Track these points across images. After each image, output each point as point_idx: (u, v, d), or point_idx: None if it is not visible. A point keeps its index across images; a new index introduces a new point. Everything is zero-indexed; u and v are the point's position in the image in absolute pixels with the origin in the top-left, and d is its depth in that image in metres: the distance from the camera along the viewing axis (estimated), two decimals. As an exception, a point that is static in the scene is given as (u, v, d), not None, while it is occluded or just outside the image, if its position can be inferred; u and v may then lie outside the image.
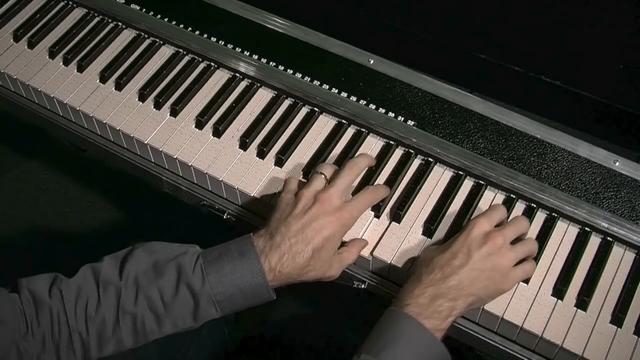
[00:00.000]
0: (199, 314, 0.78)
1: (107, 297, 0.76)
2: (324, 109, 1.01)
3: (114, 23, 1.16)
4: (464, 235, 0.80)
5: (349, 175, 0.87)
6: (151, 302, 0.77)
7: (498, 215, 0.84)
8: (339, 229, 0.83)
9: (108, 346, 0.77)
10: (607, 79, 0.95)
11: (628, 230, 0.86)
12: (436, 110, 0.98)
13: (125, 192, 1.68)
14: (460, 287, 0.77)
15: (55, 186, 1.82)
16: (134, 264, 0.78)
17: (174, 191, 1.04)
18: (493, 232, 0.80)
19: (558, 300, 0.83)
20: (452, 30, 1.03)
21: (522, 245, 0.82)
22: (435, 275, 0.78)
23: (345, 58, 1.04)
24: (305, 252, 0.80)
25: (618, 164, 0.91)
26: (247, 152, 0.98)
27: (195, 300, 0.77)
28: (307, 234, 0.80)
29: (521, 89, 1.00)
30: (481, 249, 0.79)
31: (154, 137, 1.01)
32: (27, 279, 0.78)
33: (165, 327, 0.78)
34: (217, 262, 0.78)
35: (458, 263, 0.78)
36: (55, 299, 0.76)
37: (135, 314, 0.76)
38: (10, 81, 1.12)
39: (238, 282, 0.78)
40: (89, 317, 0.76)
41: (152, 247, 0.81)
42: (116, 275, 0.78)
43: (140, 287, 0.77)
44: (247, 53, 1.07)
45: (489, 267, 0.78)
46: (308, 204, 0.83)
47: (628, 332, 0.80)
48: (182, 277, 0.77)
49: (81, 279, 0.78)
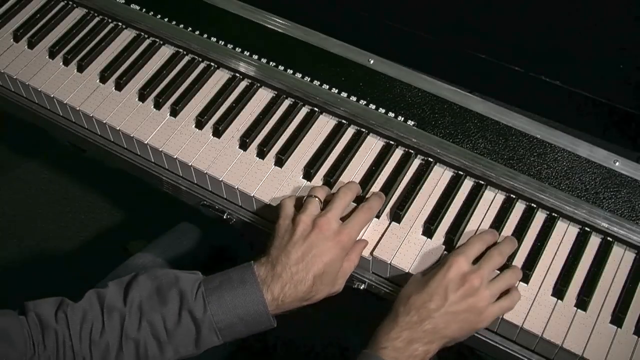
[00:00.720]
0: (201, 341, 0.79)
1: (111, 323, 0.77)
2: (324, 109, 1.01)
3: (114, 23, 1.16)
4: (441, 275, 0.79)
5: (343, 199, 0.87)
6: (154, 329, 0.78)
7: (476, 250, 0.83)
8: (338, 253, 0.83)
9: None
10: (607, 79, 0.95)
11: (628, 230, 0.86)
12: (436, 110, 0.98)
13: (125, 192, 1.68)
14: (435, 331, 0.77)
15: (55, 186, 1.82)
16: (137, 290, 0.79)
17: (174, 191, 1.04)
18: (470, 273, 0.79)
19: (558, 300, 0.83)
20: (452, 30, 1.03)
21: (501, 281, 0.81)
22: (412, 317, 0.78)
23: (345, 58, 1.04)
24: (307, 279, 0.80)
25: (618, 164, 0.91)
26: (247, 152, 0.98)
27: (197, 327, 0.78)
28: (307, 261, 0.81)
29: (521, 89, 1.00)
30: (457, 291, 0.78)
31: (154, 137, 1.01)
32: (33, 303, 0.79)
33: (168, 353, 0.79)
34: (219, 290, 0.79)
35: (434, 306, 0.78)
36: (61, 323, 0.77)
37: (138, 340, 0.77)
38: (10, 81, 1.12)
39: (239, 311, 0.79)
40: (93, 342, 0.77)
41: (155, 273, 0.82)
42: (120, 301, 0.79)
43: (143, 314, 0.78)
44: (247, 53, 1.07)
45: (464, 308, 0.78)
46: (306, 230, 0.82)
47: (628, 332, 0.80)
48: (184, 305, 0.78)
49: (86, 303, 0.79)
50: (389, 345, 0.76)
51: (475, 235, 0.86)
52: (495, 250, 0.83)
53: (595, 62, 0.96)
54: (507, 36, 1.00)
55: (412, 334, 0.77)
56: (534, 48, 0.98)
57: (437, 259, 0.87)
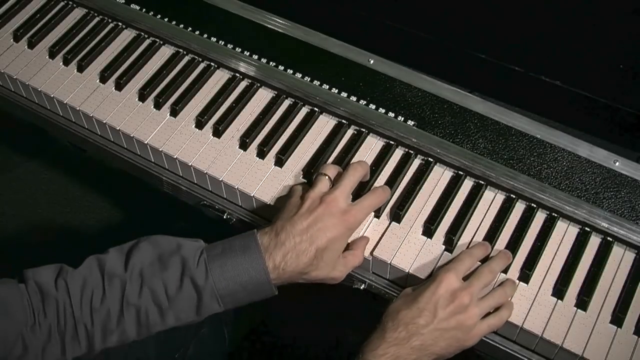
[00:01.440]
0: (202, 308, 0.79)
1: (112, 290, 0.77)
2: (324, 109, 1.01)
3: (114, 23, 1.16)
4: (431, 291, 0.79)
5: (353, 177, 0.87)
6: (155, 296, 0.77)
7: (467, 265, 0.83)
8: (343, 232, 0.83)
9: (112, 337, 0.77)
10: (607, 79, 0.95)
11: (628, 230, 0.86)
12: (436, 110, 0.98)
13: (125, 192, 1.68)
14: (422, 348, 0.77)
15: (55, 186, 1.82)
16: (139, 257, 0.79)
17: (174, 191, 1.04)
18: (460, 290, 0.79)
19: (558, 300, 0.83)
20: (452, 30, 1.03)
21: (490, 299, 0.81)
22: (400, 333, 0.77)
23: (345, 58, 1.04)
24: (309, 251, 0.80)
25: (618, 164, 0.91)
26: (247, 152, 0.98)
27: (198, 294, 0.78)
28: (311, 233, 0.81)
29: (521, 89, 1.00)
30: (447, 307, 0.78)
31: (154, 137, 1.01)
32: (32, 270, 0.78)
33: (169, 320, 0.78)
34: (221, 258, 0.79)
35: (423, 322, 0.77)
36: (61, 290, 0.77)
37: (139, 307, 0.77)
38: (10, 81, 1.12)
39: (241, 278, 0.78)
40: (94, 309, 0.76)
41: (157, 240, 0.81)
42: (121, 268, 0.78)
43: (144, 280, 0.78)
44: (247, 53, 1.07)
45: (453, 325, 0.78)
46: (314, 205, 0.83)
47: (628, 332, 0.80)
48: (186, 271, 0.78)
49: (86, 270, 0.78)
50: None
51: (465, 250, 0.85)
52: (485, 268, 0.83)
53: (595, 62, 0.96)
54: (507, 36, 1.00)
55: (399, 350, 0.77)
56: (534, 48, 0.98)
57: (437, 259, 0.87)
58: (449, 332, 0.78)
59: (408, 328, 0.77)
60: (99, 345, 0.77)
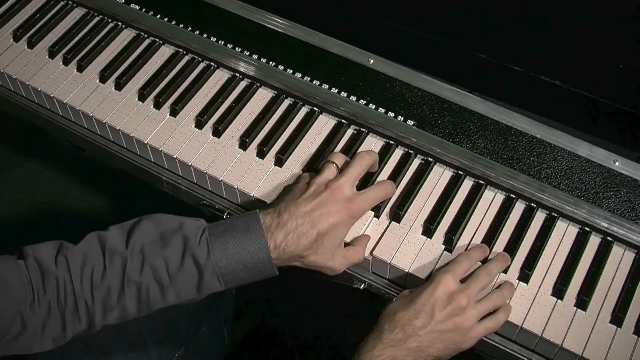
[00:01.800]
0: (203, 287, 0.78)
1: (113, 267, 0.77)
2: (324, 109, 1.01)
3: (114, 23, 1.16)
4: (428, 293, 0.79)
5: (360, 166, 0.87)
6: (156, 273, 0.77)
7: (465, 268, 0.83)
8: (346, 219, 0.83)
9: (112, 314, 0.77)
10: (607, 79, 0.95)
11: (628, 230, 0.86)
12: (436, 110, 0.98)
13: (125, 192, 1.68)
14: (420, 349, 0.77)
15: (55, 186, 1.82)
16: (140, 235, 0.79)
17: (174, 191, 1.04)
18: (457, 292, 0.79)
19: (558, 300, 0.83)
20: (452, 30, 1.03)
21: (488, 302, 0.81)
22: (397, 334, 0.77)
23: (345, 58, 1.04)
24: (311, 234, 0.80)
25: (618, 164, 0.91)
26: (247, 152, 0.98)
27: (200, 272, 0.78)
28: (314, 217, 0.81)
29: (521, 89, 1.00)
30: (444, 310, 0.78)
31: (154, 137, 1.01)
32: (32, 247, 0.78)
33: (169, 298, 0.78)
34: (223, 236, 0.79)
35: (420, 324, 0.77)
36: (62, 267, 0.76)
37: (140, 284, 0.77)
38: (10, 81, 1.12)
39: (243, 257, 0.78)
40: (95, 286, 0.76)
41: (159, 219, 0.81)
42: (123, 245, 0.78)
43: (146, 258, 0.77)
44: (247, 53, 1.07)
45: (450, 328, 0.78)
46: (319, 190, 0.83)
47: (628, 332, 0.80)
48: (188, 249, 0.77)
49: (87, 247, 0.78)
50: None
51: (463, 253, 0.85)
52: (483, 271, 0.83)
53: (595, 62, 0.96)
54: (507, 36, 1.00)
55: (396, 352, 0.76)
56: (534, 48, 0.98)
57: (437, 259, 0.87)
58: (446, 335, 0.78)
59: (405, 330, 0.77)
60: (99, 321, 0.77)
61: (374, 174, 0.94)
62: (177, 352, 1.05)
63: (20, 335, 0.74)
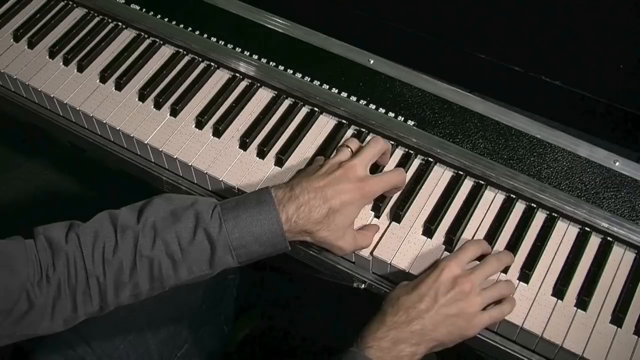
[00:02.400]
0: (215, 261, 0.78)
1: (124, 241, 0.76)
2: (324, 109, 1.01)
3: (114, 23, 1.16)
4: (432, 278, 0.79)
5: (374, 148, 0.88)
6: (168, 247, 0.77)
7: (469, 255, 0.83)
8: (357, 198, 0.83)
9: (124, 291, 0.77)
10: (607, 79, 0.95)
11: (628, 230, 0.86)
12: (436, 110, 0.98)
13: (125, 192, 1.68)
14: (423, 332, 0.77)
15: (55, 186, 1.81)
16: (152, 211, 0.79)
17: (174, 191, 1.04)
18: (462, 277, 0.79)
19: (558, 300, 0.83)
20: (452, 30, 1.03)
21: (493, 290, 0.81)
22: (400, 317, 0.77)
23: (345, 58, 1.04)
24: (322, 208, 0.80)
25: (618, 164, 0.91)
26: (247, 152, 0.98)
27: (212, 245, 0.77)
28: (326, 193, 0.81)
29: (521, 89, 1.00)
30: (448, 293, 0.78)
31: (154, 137, 1.01)
32: (43, 227, 0.78)
33: (182, 272, 0.78)
34: (235, 210, 0.79)
35: (424, 307, 0.77)
36: (72, 243, 0.76)
37: (152, 259, 0.76)
38: (10, 81, 1.12)
39: (255, 229, 0.78)
40: (107, 261, 0.76)
41: (170, 196, 0.81)
42: (134, 221, 0.78)
43: (157, 232, 0.77)
44: (247, 53, 1.07)
45: (453, 312, 0.78)
46: (332, 168, 0.84)
47: (628, 332, 0.80)
48: (199, 223, 0.77)
49: (98, 224, 0.78)
50: (375, 345, 0.76)
51: (470, 240, 0.86)
52: (492, 257, 0.83)
53: (595, 62, 0.96)
54: (507, 36, 1.00)
55: (399, 334, 0.76)
56: (534, 48, 0.98)
57: (437, 259, 0.87)
58: (450, 319, 0.78)
59: (408, 312, 0.77)
60: (111, 300, 0.76)
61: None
62: (178, 351, 1.05)
63: (27, 314, 0.73)
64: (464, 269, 0.81)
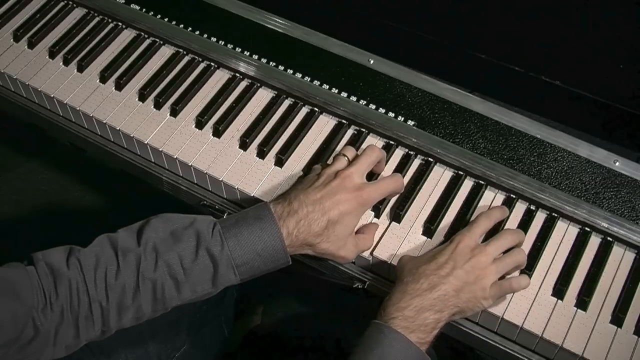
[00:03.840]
0: (218, 279, 0.78)
1: (126, 264, 0.76)
2: (324, 109, 1.01)
3: (114, 23, 1.16)
4: (449, 249, 0.81)
5: (369, 157, 0.88)
6: (171, 268, 0.77)
7: (483, 227, 0.84)
8: (356, 207, 0.83)
9: (127, 314, 0.77)
10: (607, 79, 0.95)
11: (628, 230, 0.86)
12: (436, 110, 0.98)
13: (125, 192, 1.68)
14: (445, 298, 0.77)
15: (55, 186, 1.81)
16: (151, 232, 0.79)
17: (174, 191, 1.04)
18: (478, 248, 0.81)
19: (558, 300, 0.83)
20: (452, 30, 1.03)
21: (507, 259, 0.82)
22: (422, 285, 0.78)
23: (345, 58, 1.04)
24: (321, 220, 0.81)
25: (618, 164, 0.91)
26: (247, 152, 0.98)
27: (214, 264, 0.78)
28: (324, 204, 0.81)
29: (521, 89, 1.00)
30: (466, 263, 0.79)
31: (154, 137, 1.01)
32: (42, 253, 0.77)
33: (185, 293, 0.78)
34: (235, 227, 0.79)
35: (444, 273, 0.78)
36: (74, 269, 0.75)
37: (155, 280, 0.76)
38: (10, 81, 1.12)
39: (256, 245, 0.78)
40: (109, 285, 0.75)
41: (167, 217, 0.81)
42: (134, 243, 0.78)
43: (159, 254, 0.77)
44: (247, 53, 1.07)
45: (472, 280, 0.79)
46: (329, 179, 0.84)
47: (628, 332, 0.80)
48: (201, 242, 0.78)
49: (98, 248, 0.78)
50: (399, 315, 0.76)
51: (483, 212, 0.86)
52: (505, 231, 0.85)
53: (595, 62, 0.96)
54: (507, 36, 1.00)
55: (422, 302, 0.77)
56: (534, 48, 0.98)
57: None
58: (469, 286, 0.79)
59: (430, 279, 0.78)
60: (114, 323, 0.76)
61: (374, 175, 0.94)
62: (176, 352, 1.05)
63: (33, 340, 0.73)
64: (477, 241, 0.82)
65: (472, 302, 0.79)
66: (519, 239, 0.85)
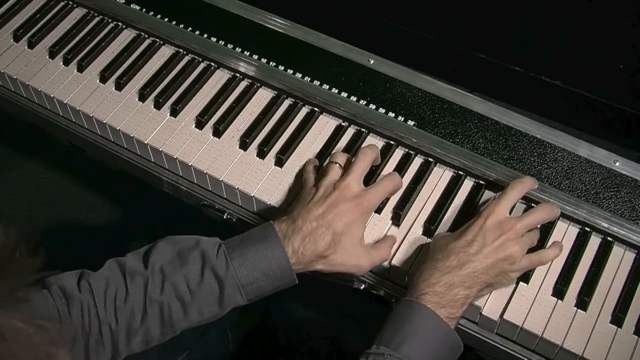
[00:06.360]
0: (225, 300, 0.79)
1: (134, 287, 0.77)
2: (324, 109, 1.01)
3: (114, 23, 1.16)
4: (478, 224, 0.81)
5: (363, 162, 0.88)
6: (177, 290, 0.77)
7: (512, 199, 0.85)
8: (359, 216, 0.84)
9: (136, 338, 0.77)
10: (607, 79, 0.95)
11: (628, 230, 0.86)
12: (436, 110, 0.98)
13: (125, 192, 1.68)
14: (475, 275, 0.78)
15: (55, 186, 1.81)
16: (158, 255, 0.79)
17: (174, 191, 1.04)
18: (506, 223, 0.81)
19: (558, 300, 0.83)
20: (452, 30, 1.03)
21: (528, 237, 0.83)
22: (452, 262, 0.78)
23: (345, 58, 1.04)
24: (326, 235, 0.81)
25: (618, 164, 0.91)
26: (247, 152, 0.98)
27: (220, 285, 0.78)
28: (327, 218, 0.81)
29: (521, 89, 1.00)
30: (495, 239, 0.80)
31: (154, 137, 1.01)
32: (54, 277, 0.78)
33: (192, 314, 0.78)
34: (240, 247, 0.79)
35: (474, 250, 0.79)
36: (85, 292, 0.76)
37: (162, 303, 0.77)
38: (10, 81, 1.12)
39: (261, 265, 0.79)
40: (118, 308, 0.76)
41: (174, 239, 0.82)
42: (142, 267, 0.78)
43: (166, 276, 0.78)
44: (247, 53, 1.07)
45: (501, 256, 0.79)
46: (327, 192, 0.84)
47: (628, 332, 0.80)
48: (206, 263, 0.78)
49: (108, 271, 0.78)
50: (430, 291, 0.77)
51: (511, 184, 0.86)
52: (539, 208, 0.85)
53: (595, 62, 0.96)
54: (507, 36, 1.00)
55: (452, 278, 0.77)
56: (534, 48, 0.98)
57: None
58: (498, 263, 0.79)
59: (459, 257, 0.79)
60: (123, 347, 0.77)
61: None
62: (179, 355, 1.05)
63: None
64: (506, 215, 0.83)
65: (501, 276, 0.80)
66: (552, 214, 0.86)
